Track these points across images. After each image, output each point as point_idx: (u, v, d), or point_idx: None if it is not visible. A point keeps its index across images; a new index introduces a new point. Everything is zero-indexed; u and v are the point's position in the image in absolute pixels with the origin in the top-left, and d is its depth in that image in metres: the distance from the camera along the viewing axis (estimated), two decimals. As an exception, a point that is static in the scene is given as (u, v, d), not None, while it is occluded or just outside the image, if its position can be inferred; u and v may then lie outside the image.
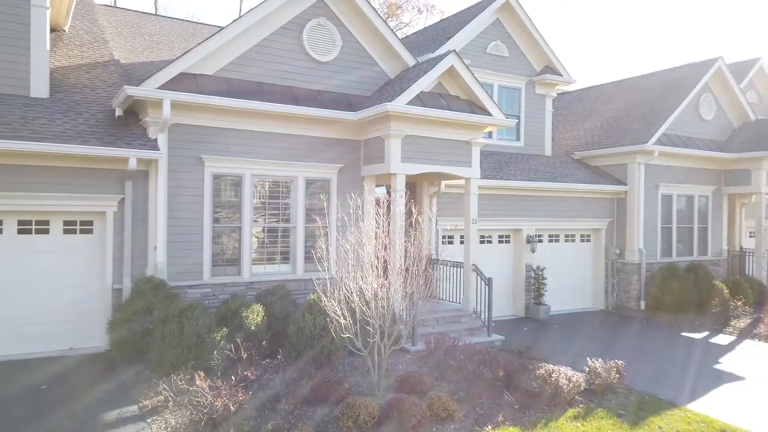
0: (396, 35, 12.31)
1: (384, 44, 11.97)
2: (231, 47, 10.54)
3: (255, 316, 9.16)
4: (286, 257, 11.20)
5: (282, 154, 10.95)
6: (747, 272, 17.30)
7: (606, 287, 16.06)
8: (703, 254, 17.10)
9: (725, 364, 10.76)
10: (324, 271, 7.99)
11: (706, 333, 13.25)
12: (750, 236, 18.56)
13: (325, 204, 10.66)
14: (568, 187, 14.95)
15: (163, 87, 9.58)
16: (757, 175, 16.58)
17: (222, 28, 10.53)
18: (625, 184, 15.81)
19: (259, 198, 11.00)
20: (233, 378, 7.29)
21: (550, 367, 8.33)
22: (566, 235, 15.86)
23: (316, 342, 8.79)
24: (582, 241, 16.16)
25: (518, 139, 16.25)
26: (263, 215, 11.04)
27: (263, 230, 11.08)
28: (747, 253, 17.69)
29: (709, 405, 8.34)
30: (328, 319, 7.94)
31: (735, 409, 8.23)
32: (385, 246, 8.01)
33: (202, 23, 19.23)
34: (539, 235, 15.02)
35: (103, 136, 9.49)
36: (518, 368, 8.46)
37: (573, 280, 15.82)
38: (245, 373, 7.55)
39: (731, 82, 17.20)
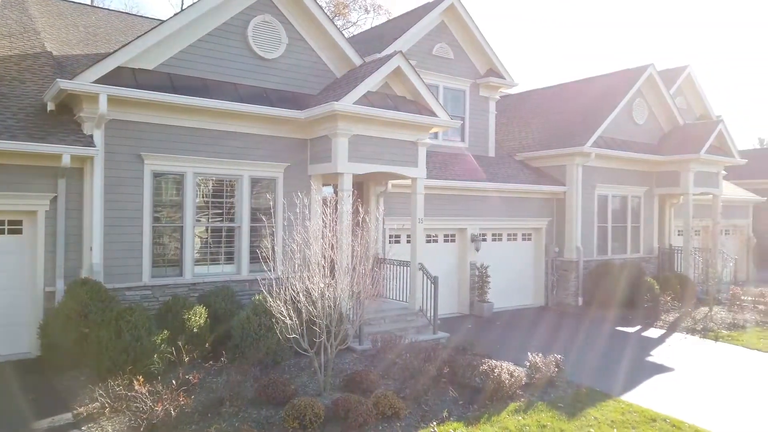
0: (343, 34, 12.30)
1: (331, 43, 11.94)
2: (173, 41, 10.23)
3: (197, 317, 8.94)
4: (230, 257, 10.98)
5: (226, 153, 10.73)
6: (676, 269, 18.30)
7: (546, 284, 16.61)
8: (635, 252, 17.96)
9: (656, 356, 11.35)
10: (270, 271, 7.89)
11: (638, 327, 13.93)
12: (678, 234, 19.63)
13: (271, 203, 10.51)
14: (510, 188, 15.36)
15: (99, 81, 9.19)
16: (685, 177, 17.56)
17: (163, 22, 10.23)
18: (564, 185, 16.40)
19: (203, 197, 10.74)
20: (174, 382, 7.09)
21: (493, 362, 8.55)
22: (509, 234, 16.29)
23: (262, 343, 8.67)
24: (524, 239, 16.64)
25: (463, 140, 16.56)
26: (207, 215, 10.78)
27: (207, 230, 10.82)
28: (676, 251, 18.71)
29: (641, 395, 8.77)
30: (274, 320, 7.86)
31: (665, 398, 8.70)
32: (332, 245, 8.01)
33: (142, 16, 18.55)
34: (483, 234, 15.37)
35: (34, 131, 9.01)
36: (462, 365, 8.64)
37: (515, 278, 16.27)
38: (187, 377, 7.37)
39: (662, 89, 18.16)
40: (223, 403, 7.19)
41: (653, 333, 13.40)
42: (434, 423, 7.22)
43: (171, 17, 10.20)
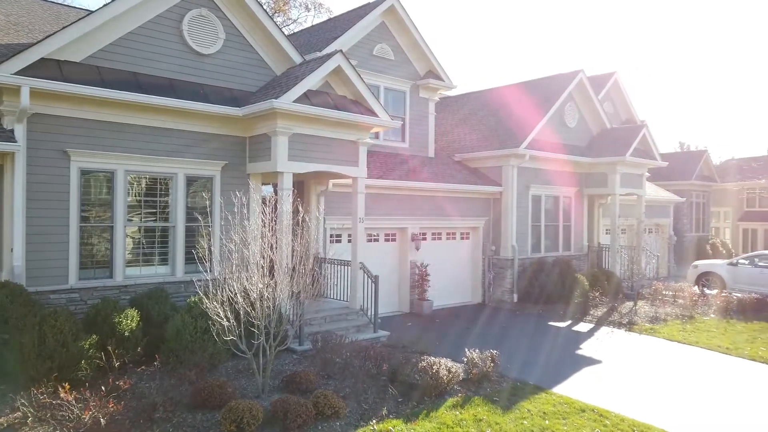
0: (282, 32, 12.16)
1: (270, 40, 11.77)
2: (102, 33, 9.80)
3: (129, 321, 8.61)
4: (164, 258, 10.63)
5: (160, 150, 10.38)
6: (604, 265, 19.24)
7: (483, 282, 17.06)
8: (567, 250, 18.73)
9: (585, 349, 11.89)
10: (206, 272, 7.71)
11: (569, 322, 14.55)
12: (606, 233, 20.63)
13: (207, 202, 10.26)
14: (450, 188, 15.67)
15: (21, 73, 8.68)
16: (612, 178, 18.48)
17: (92, 12, 9.77)
18: (501, 185, 16.89)
19: (135, 196, 10.34)
20: (104, 388, 6.80)
21: (432, 359, 8.70)
22: (448, 233, 16.61)
23: (197, 346, 8.45)
24: (462, 238, 17.02)
25: (403, 140, 16.74)
26: (139, 214, 10.39)
27: (139, 230, 10.42)
28: (604, 248, 19.67)
29: (571, 387, 9.18)
30: (211, 322, 7.68)
31: (594, 390, 9.13)
32: (272, 245, 7.91)
33: (69, 6, 17.61)
34: (423, 234, 15.60)
35: (-54, 124, 8.40)
36: (402, 362, 8.74)
37: (454, 276, 16.61)
38: (117, 383, 7.07)
39: (591, 93, 19.03)
40: (157, 408, 6.95)
41: (583, 327, 14.02)
42: (374, 421, 7.27)
43: (100, 8, 9.75)
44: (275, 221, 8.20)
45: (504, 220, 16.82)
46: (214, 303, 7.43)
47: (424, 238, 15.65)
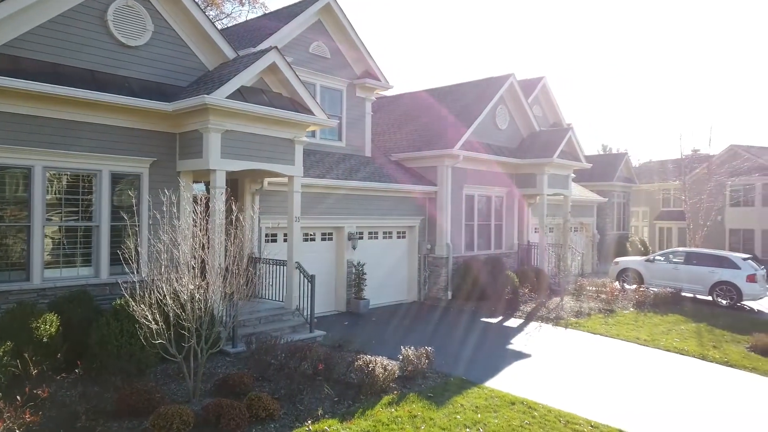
0: (215, 25, 11.84)
1: (202, 34, 11.42)
2: (17, 20, 9.17)
3: (47, 326, 8.12)
4: (88, 259, 10.10)
5: (84, 146, 9.84)
6: (533, 263, 19.99)
7: (419, 280, 17.31)
8: (498, 248, 19.33)
9: (515, 344, 12.32)
10: (133, 273, 7.39)
11: (500, 317, 15.02)
12: (535, 232, 21.44)
13: (134, 201, 9.81)
14: (386, 187, 15.78)
15: None
16: (541, 179, 19.23)
17: (5, -3, 9.11)
18: (436, 185, 17.19)
19: (56, 193, 9.76)
20: (19, 398, 6.38)
21: (368, 357, 8.75)
22: (384, 232, 16.73)
23: (124, 351, 8.08)
24: (399, 237, 17.19)
25: (340, 139, 16.71)
26: (60, 213, 9.81)
27: (60, 230, 9.84)
28: (533, 246, 20.44)
29: (502, 381, 9.48)
30: (138, 326, 7.38)
31: (523, 383, 9.48)
32: (203, 245, 7.69)
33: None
34: (360, 233, 15.63)
35: None
36: (338, 362, 8.74)
37: (391, 274, 16.75)
38: (35, 391, 6.65)
39: (521, 97, 19.71)
40: (79, 417, 6.61)
41: (513, 323, 14.52)
42: (309, 421, 7.23)
43: (15, -7, 9.12)
44: (207, 220, 7.98)
45: (439, 219, 17.12)
46: (142, 306, 7.15)
47: (361, 237, 15.69)
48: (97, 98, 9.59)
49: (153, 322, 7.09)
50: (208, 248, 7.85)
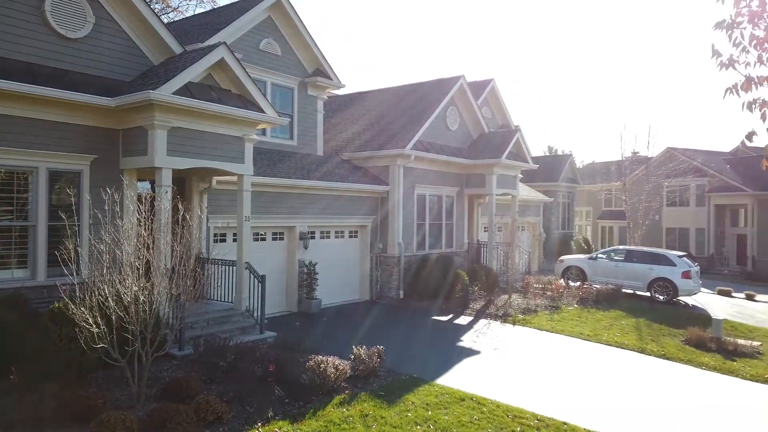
0: (160, 19, 11.49)
1: (146, 27, 11.06)
2: (-56, 7, 8.63)
3: (-21, 332, 7.67)
4: (23, 261, 9.61)
5: (18, 141, 9.35)
6: (482, 261, 20.38)
7: (372, 279, 17.34)
8: (449, 246, 19.60)
9: (465, 341, 12.53)
10: (72, 275, 7.07)
11: (451, 315, 15.24)
12: (485, 231, 21.88)
13: (74, 199, 9.40)
14: (338, 186, 15.72)
15: None
16: (490, 179, 19.62)
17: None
18: (388, 185, 17.27)
19: (-14, 191, 9.23)
20: (-53, 409, 6.01)
21: (320, 358, 8.70)
22: (336, 232, 16.67)
23: (62, 355, 7.73)
24: (351, 237, 17.17)
25: (292, 137, 16.54)
26: (-9, 212, 9.29)
27: (-9, 230, 9.32)
28: (482, 245, 20.84)
29: (453, 378, 9.62)
30: (78, 329, 7.07)
31: (473, 379, 9.65)
32: (148, 245, 7.45)
33: None
34: (312, 232, 15.51)
35: None
36: (289, 362, 8.65)
37: (343, 274, 16.70)
38: (-36, 402, 6.29)
39: (471, 99, 20.05)
40: (14, 427, 6.28)
41: (463, 320, 14.76)
42: (259, 424, 7.13)
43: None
44: (152, 220, 7.73)
45: (391, 218, 17.20)
46: (82, 308, 6.86)
47: (313, 237, 15.57)
48: (32, 92, 9.14)
49: (94, 326, 6.81)
50: (154, 248, 7.60)
